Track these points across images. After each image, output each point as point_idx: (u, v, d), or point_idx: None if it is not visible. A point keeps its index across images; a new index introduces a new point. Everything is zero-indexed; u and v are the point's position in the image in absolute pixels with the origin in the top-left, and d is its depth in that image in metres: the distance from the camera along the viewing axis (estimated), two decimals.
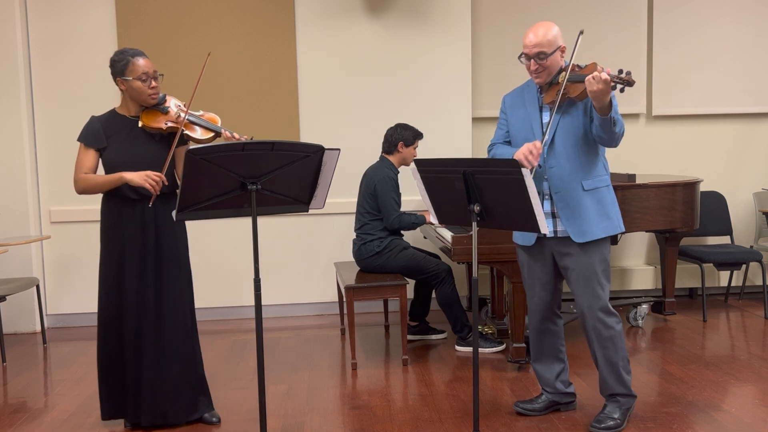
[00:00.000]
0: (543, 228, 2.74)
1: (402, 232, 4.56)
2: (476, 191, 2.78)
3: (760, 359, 4.13)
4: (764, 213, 5.51)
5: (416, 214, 4.44)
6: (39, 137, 5.14)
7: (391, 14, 5.30)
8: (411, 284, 4.66)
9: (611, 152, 3.42)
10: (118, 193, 3.16)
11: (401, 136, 4.50)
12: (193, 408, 3.34)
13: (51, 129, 5.14)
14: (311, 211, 2.98)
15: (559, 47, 3.04)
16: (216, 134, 3.23)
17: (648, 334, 4.72)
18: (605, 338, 3.12)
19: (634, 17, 5.59)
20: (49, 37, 5.08)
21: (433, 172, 2.92)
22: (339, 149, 2.83)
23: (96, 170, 3.21)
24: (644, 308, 4.95)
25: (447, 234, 4.18)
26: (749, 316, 5.16)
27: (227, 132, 3.19)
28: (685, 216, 4.61)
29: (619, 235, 3.20)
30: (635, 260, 5.79)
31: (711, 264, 5.14)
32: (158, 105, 3.20)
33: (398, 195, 4.44)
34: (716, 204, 5.55)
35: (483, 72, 5.55)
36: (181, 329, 3.30)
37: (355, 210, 4.58)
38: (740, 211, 5.77)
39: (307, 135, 5.26)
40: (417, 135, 4.55)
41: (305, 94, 5.29)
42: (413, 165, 2.96)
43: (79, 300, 5.24)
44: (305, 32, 5.25)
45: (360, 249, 4.45)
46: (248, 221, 2.73)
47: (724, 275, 5.66)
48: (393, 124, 4.58)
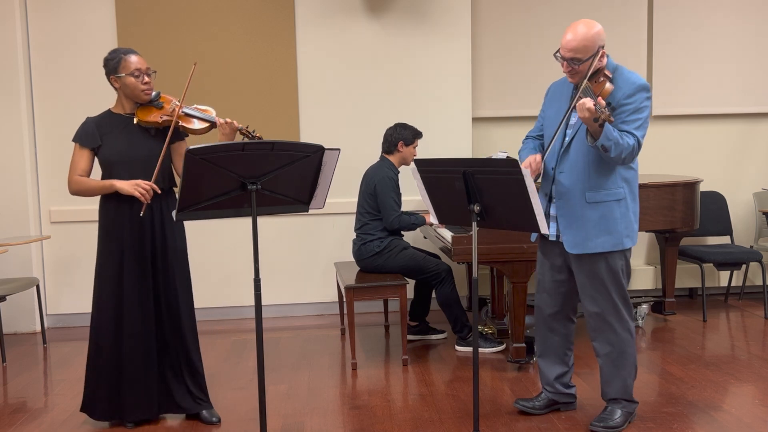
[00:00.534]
0: (543, 228, 2.74)
1: (402, 232, 4.56)
2: (476, 191, 2.78)
3: (760, 359, 4.13)
4: (764, 213, 5.51)
5: (416, 215, 4.44)
6: (39, 137, 5.14)
7: (391, 14, 5.30)
8: (411, 284, 4.66)
9: None
10: (116, 196, 3.17)
11: (401, 136, 4.50)
12: (191, 406, 3.34)
13: (51, 129, 5.13)
14: (311, 211, 2.98)
15: (597, 52, 2.92)
16: (211, 124, 3.24)
17: (648, 334, 4.72)
18: (612, 343, 3.10)
19: (635, 17, 5.58)
20: (49, 37, 5.08)
21: (433, 172, 2.92)
22: (339, 149, 2.83)
23: (90, 171, 3.23)
24: (644, 308, 4.95)
25: (447, 234, 4.18)
26: (749, 316, 5.16)
27: (221, 119, 3.19)
28: (685, 216, 4.62)
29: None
30: (635, 260, 5.78)
31: (711, 264, 5.14)
32: (152, 101, 3.22)
33: (398, 195, 4.44)
34: (716, 204, 5.55)
35: (483, 72, 5.55)
36: (180, 328, 3.30)
37: (355, 210, 4.58)
38: (740, 211, 5.77)
39: (307, 135, 5.26)
40: (417, 134, 4.55)
41: (305, 94, 5.29)
42: (413, 165, 2.96)
43: (79, 300, 5.23)
44: (305, 32, 5.25)
45: (360, 249, 4.45)
46: (248, 221, 2.72)
47: (724, 275, 5.66)
48: (393, 124, 4.58)
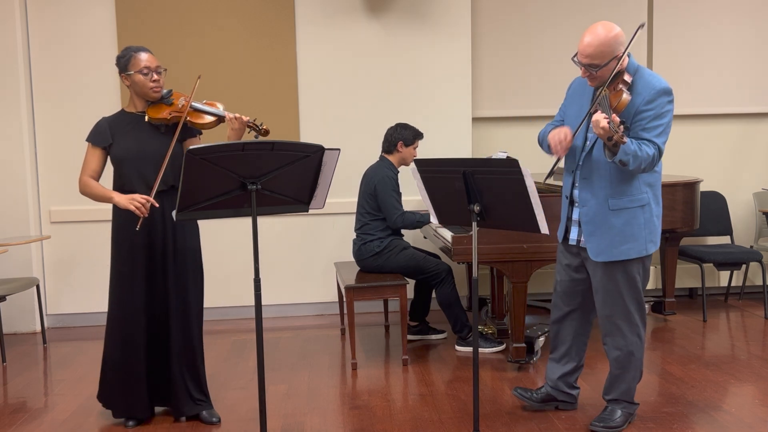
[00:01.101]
0: (543, 228, 2.74)
1: (402, 232, 4.56)
2: (476, 191, 2.78)
3: (760, 359, 4.13)
4: (764, 213, 5.51)
5: (421, 213, 4.43)
6: (39, 137, 5.14)
7: (391, 14, 5.30)
8: (411, 284, 4.66)
9: None
10: (129, 191, 3.17)
11: (401, 136, 4.49)
12: (190, 408, 3.35)
13: (51, 129, 5.13)
14: (311, 211, 2.98)
15: (616, 56, 2.84)
16: (219, 118, 3.25)
17: (648, 334, 4.72)
18: (620, 347, 3.10)
19: (634, 17, 5.58)
20: (49, 37, 5.08)
21: (433, 172, 2.91)
22: (339, 149, 2.83)
23: (102, 171, 3.27)
24: (645, 307, 4.94)
25: (447, 234, 4.18)
26: (749, 316, 5.16)
27: (230, 114, 3.20)
28: (685, 216, 4.61)
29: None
30: None
31: (711, 264, 5.13)
32: (163, 99, 3.24)
33: (398, 194, 4.43)
34: (716, 204, 5.54)
35: (483, 72, 5.55)
36: (188, 329, 3.31)
37: (355, 210, 4.58)
38: (740, 211, 5.77)
39: (307, 135, 5.26)
40: (417, 135, 4.54)
41: (305, 94, 5.29)
42: (413, 165, 2.96)
43: (79, 300, 5.24)
44: (305, 32, 5.25)
45: (360, 249, 4.45)
46: (248, 221, 2.72)
47: (724, 275, 5.65)
48: (393, 124, 4.58)
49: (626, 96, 2.84)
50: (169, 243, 3.24)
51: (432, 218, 3.13)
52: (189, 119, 3.21)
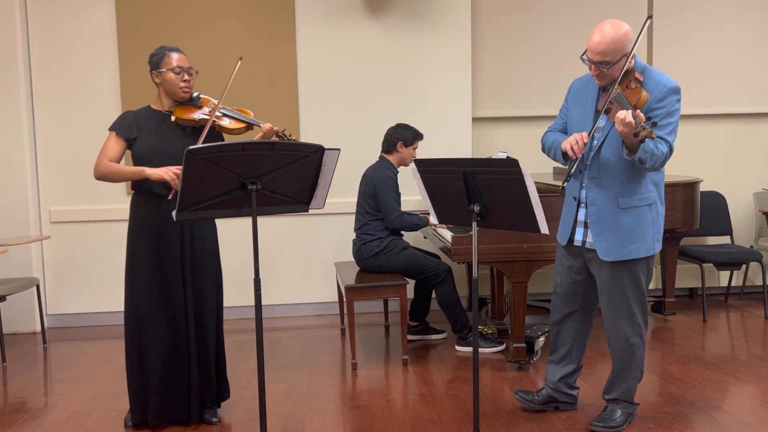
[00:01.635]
0: (543, 228, 2.74)
1: (402, 232, 4.56)
2: (476, 191, 2.78)
3: (760, 359, 4.13)
4: (764, 213, 5.51)
5: (419, 215, 4.43)
6: (39, 137, 5.14)
7: (391, 14, 5.30)
8: (411, 284, 4.66)
9: None
10: (147, 189, 3.16)
11: (401, 136, 4.49)
12: (196, 415, 3.33)
13: (51, 129, 5.13)
14: (311, 211, 2.97)
15: (626, 54, 2.84)
16: (248, 125, 3.25)
17: (648, 334, 4.70)
18: (622, 347, 3.11)
19: (634, 17, 5.57)
20: (49, 37, 5.08)
21: (433, 172, 2.91)
22: (339, 149, 2.83)
23: (120, 161, 3.22)
24: (647, 308, 4.94)
25: (447, 234, 4.18)
26: (749, 316, 5.16)
27: (265, 125, 3.19)
28: (685, 216, 4.61)
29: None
30: None
31: (711, 264, 5.13)
32: (192, 101, 3.23)
33: (398, 195, 4.43)
34: (716, 204, 5.55)
35: (483, 72, 5.55)
36: (209, 328, 3.30)
37: (355, 210, 4.58)
38: (740, 211, 5.77)
39: (307, 135, 5.26)
40: (417, 135, 4.54)
41: (305, 94, 5.29)
42: (413, 165, 2.96)
43: (79, 300, 5.24)
44: (305, 32, 5.25)
45: (360, 249, 4.45)
46: (248, 221, 2.72)
47: (724, 275, 5.66)
48: (393, 124, 4.58)
49: (645, 93, 2.84)
50: (187, 244, 3.22)
51: (432, 218, 3.13)
52: (218, 123, 3.19)
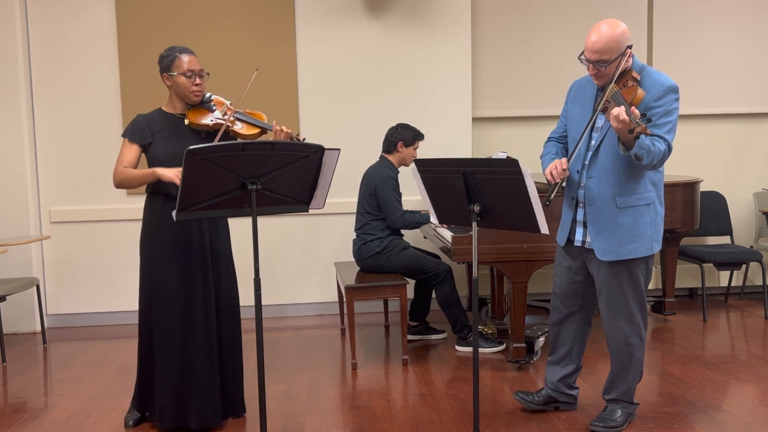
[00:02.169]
0: (543, 228, 2.74)
1: (402, 232, 4.56)
2: (476, 191, 2.78)
3: (760, 359, 4.13)
4: (764, 213, 5.51)
5: (420, 213, 4.43)
6: (39, 137, 5.14)
7: (391, 14, 5.30)
8: (411, 284, 4.66)
9: None
10: (163, 191, 3.14)
11: (401, 136, 4.50)
12: (234, 408, 3.34)
13: (51, 129, 5.13)
14: (311, 211, 2.97)
15: (624, 52, 2.86)
16: (262, 130, 3.22)
17: (648, 334, 4.70)
18: (621, 347, 3.10)
19: (634, 17, 5.58)
20: (49, 37, 5.08)
21: (433, 172, 2.91)
22: (339, 149, 2.83)
23: (136, 166, 3.19)
24: (647, 308, 4.94)
25: (447, 234, 4.18)
26: (749, 316, 5.16)
27: (277, 126, 3.15)
28: (685, 216, 4.61)
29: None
30: None
31: (711, 264, 5.13)
32: (204, 103, 3.20)
33: (399, 194, 4.44)
34: (716, 204, 5.55)
35: (483, 72, 5.55)
36: (236, 328, 3.30)
37: (355, 210, 4.58)
38: (740, 211, 5.77)
39: (307, 135, 5.25)
40: (417, 136, 4.54)
41: (305, 94, 5.29)
42: (413, 165, 2.96)
43: (79, 300, 5.24)
44: (305, 32, 5.25)
45: (360, 249, 4.45)
46: (248, 221, 2.72)
47: (724, 275, 5.65)
48: (393, 124, 4.58)
49: (641, 91, 2.84)
50: (207, 245, 3.21)
51: (432, 218, 3.13)
52: (232, 128, 3.16)
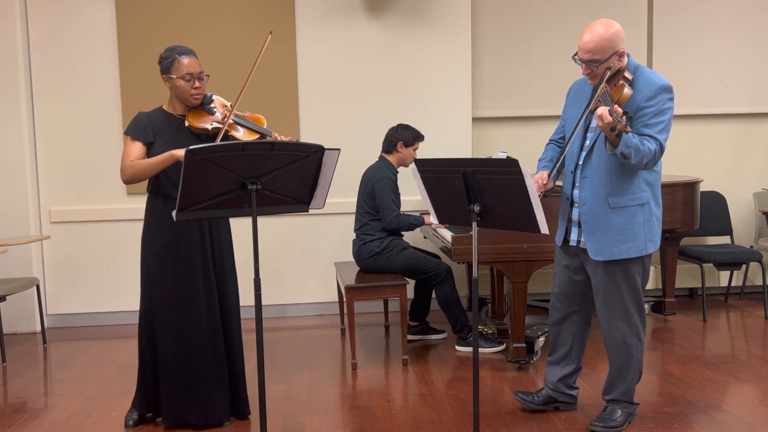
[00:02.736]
0: (543, 228, 2.74)
1: (402, 232, 4.56)
2: (476, 191, 2.78)
3: (760, 359, 4.13)
4: (764, 213, 5.51)
5: (415, 215, 4.44)
6: (39, 137, 5.14)
7: (391, 14, 5.30)
8: (411, 284, 4.66)
9: None
10: (163, 192, 3.14)
11: (401, 136, 4.49)
12: (237, 408, 3.34)
13: (51, 128, 5.13)
14: (311, 211, 2.97)
15: (617, 52, 2.86)
16: (261, 136, 3.21)
17: (648, 334, 4.72)
18: (620, 347, 3.11)
19: (635, 17, 5.58)
20: (49, 37, 5.08)
21: (433, 172, 2.91)
22: (339, 149, 2.83)
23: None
24: (644, 308, 4.94)
25: (447, 234, 4.18)
26: (749, 316, 5.16)
27: (275, 134, 3.15)
28: (685, 216, 4.61)
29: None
30: None
31: (711, 264, 5.13)
32: (204, 105, 3.18)
33: (397, 195, 4.43)
34: (716, 204, 5.55)
35: (483, 72, 5.55)
36: (234, 328, 3.30)
37: (355, 210, 4.58)
38: (740, 211, 5.77)
39: (307, 135, 5.26)
40: (417, 136, 4.54)
41: (305, 94, 5.29)
42: (413, 165, 2.96)
43: (79, 300, 5.24)
44: (305, 32, 5.25)
45: (360, 249, 4.45)
46: (248, 221, 2.72)
47: (724, 275, 5.65)
48: (393, 124, 4.58)
49: (628, 90, 2.84)
50: (208, 245, 3.21)
51: (432, 218, 3.13)
52: (231, 133, 3.15)
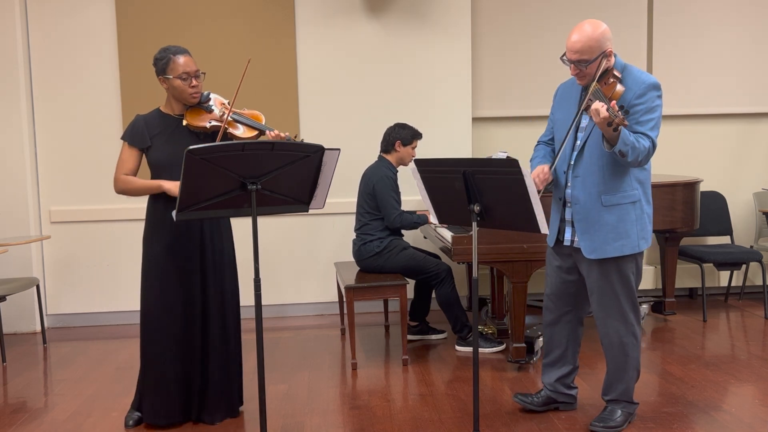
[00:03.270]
0: (543, 228, 2.74)
1: (402, 232, 4.56)
2: (476, 191, 2.78)
3: (760, 359, 4.13)
4: (764, 213, 5.51)
5: (417, 214, 4.44)
6: (39, 137, 5.14)
7: (391, 14, 5.30)
8: (411, 284, 4.66)
9: None
10: (165, 197, 3.13)
11: (399, 136, 4.50)
12: (231, 408, 3.35)
13: (51, 129, 5.13)
14: (311, 211, 2.97)
15: (604, 52, 2.88)
16: (259, 132, 3.21)
17: (648, 334, 4.72)
18: (616, 347, 3.11)
19: (634, 17, 5.58)
20: (49, 37, 5.08)
21: (433, 172, 2.91)
22: (339, 149, 2.83)
23: (137, 170, 3.19)
24: (644, 308, 4.95)
25: (447, 234, 4.18)
26: (749, 316, 5.16)
27: (271, 132, 3.14)
28: (685, 216, 4.61)
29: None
30: None
31: (711, 264, 5.13)
32: (202, 103, 3.18)
33: (397, 194, 4.44)
34: (716, 204, 5.55)
35: (483, 72, 5.55)
36: (232, 328, 3.30)
37: (355, 210, 4.58)
38: (740, 211, 5.77)
39: (307, 135, 5.26)
40: (415, 135, 4.54)
41: (305, 94, 5.29)
42: (413, 165, 2.96)
43: (79, 300, 5.24)
44: (305, 32, 5.25)
45: (360, 249, 4.45)
46: (248, 221, 2.72)
47: (724, 275, 5.65)
48: (392, 124, 4.58)
49: (620, 87, 2.86)
50: (208, 245, 3.22)
51: (432, 218, 3.13)
52: (229, 130, 3.15)
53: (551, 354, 3.33)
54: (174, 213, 2.66)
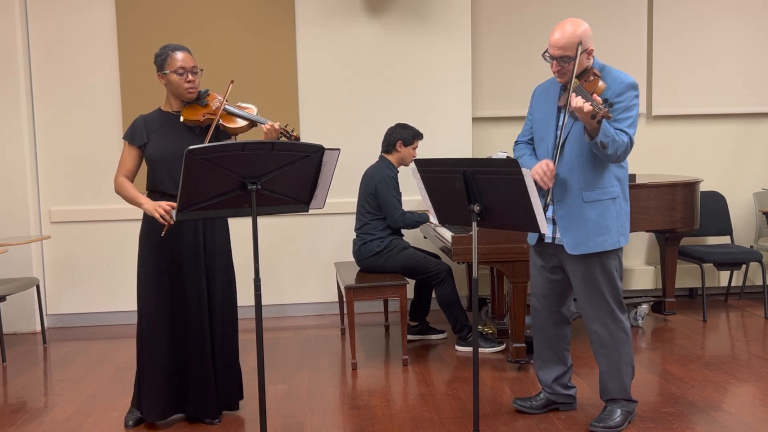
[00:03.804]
0: (543, 228, 2.74)
1: (402, 232, 4.56)
2: (476, 191, 2.78)
3: (760, 359, 4.13)
4: (764, 213, 5.51)
5: (419, 213, 4.45)
6: (39, 137, 5.14)
7: (391, 14, 5.30)
8: (411, 284, 4.66)
9: None
10: (159, 190, 3.16)
11: (400, 136, 4.50)
12: (229, 405, 3.37)
13: (51, 129, 5.13)
14: (311, 211, 2.97)
15: (586, 49, 2.95)
16: (251, 123, 3.22)
17: (648, 334, 4.72)
18: (607, 344, 3.11)
19: (634, 17, 5.58)
20: (49, 37, 5.08)
21: (433, 172, 2.91)
22: (339, 149, 2.83)
23: (137, 170, 3.24)
24: (644, 308, 4.95)
25: (447, 234, 4.18)
26: (749, 316, 5.16)
27: (265, 125, 3.14)
28: (685, 216, 4.61)
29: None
30: (635, 260, 5.79)
31: (711, 264, 5.13)
32: (199, 99, 3.20)
33: (399, 194, 4.44)
34: (716, 204, 5.55)
35: (483, 72, 5.55)
36: (229, 326, 3.32)
37: (355, 210, 4.58)
38: (740, 211, 5.77)
39: (307, 135, 5.26)
40: (416, 135, 4.54)
41: (305, 94, 5.29)
42: (413, 165, 2.96)
43: (79, 300, 5.24)
44: (305, 32, 5.25)
45: (360, 249, 4.45)
46: (248, 221, 2.72)
47: (724, 275, 5.66)
48: (393, 124, 4.58)
49: (602, 83, 2.92)
50: (201, 244, 3.23)
51: (432, 218, 3.13)
52: (222, 123, 3.17)
53: (543, 355, 3.36)
54: (174, 213, 2.66)
